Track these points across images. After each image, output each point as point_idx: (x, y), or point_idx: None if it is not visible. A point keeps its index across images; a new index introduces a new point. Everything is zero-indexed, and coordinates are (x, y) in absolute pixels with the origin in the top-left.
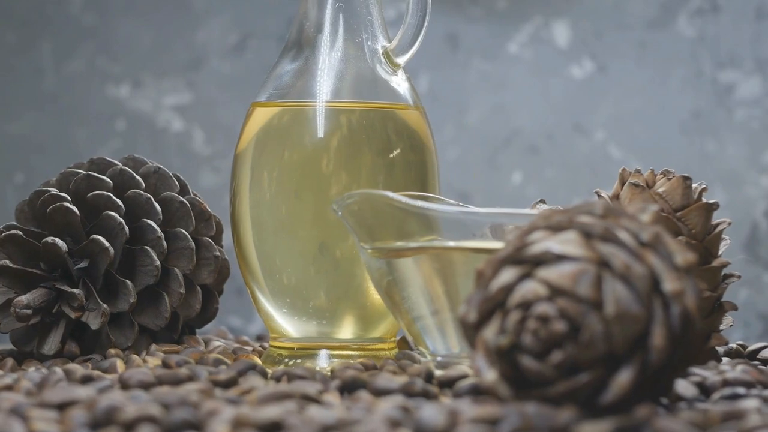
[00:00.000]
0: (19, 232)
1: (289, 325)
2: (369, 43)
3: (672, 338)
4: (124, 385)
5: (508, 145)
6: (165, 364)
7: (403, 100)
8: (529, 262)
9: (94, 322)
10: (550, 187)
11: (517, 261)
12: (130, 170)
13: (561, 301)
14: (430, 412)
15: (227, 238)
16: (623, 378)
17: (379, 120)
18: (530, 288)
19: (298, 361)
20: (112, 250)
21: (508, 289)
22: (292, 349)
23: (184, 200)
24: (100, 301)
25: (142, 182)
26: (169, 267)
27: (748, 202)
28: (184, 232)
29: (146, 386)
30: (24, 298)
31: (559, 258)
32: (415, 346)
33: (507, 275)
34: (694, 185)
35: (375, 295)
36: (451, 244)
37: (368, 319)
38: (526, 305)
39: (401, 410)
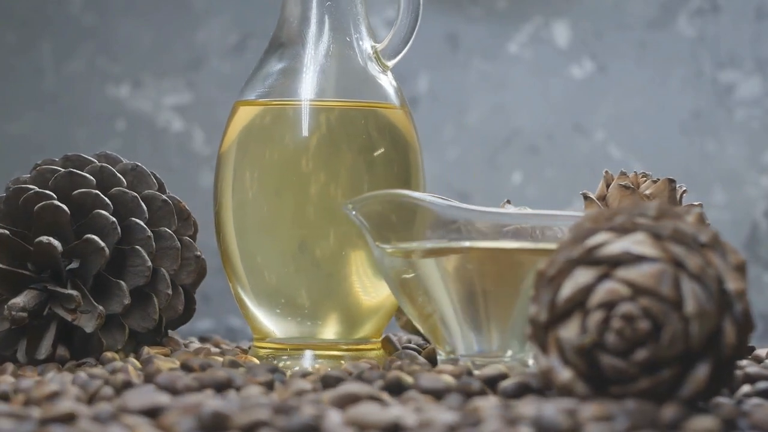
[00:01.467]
0: (6, 231)
1: (273, 325)
2: (355, 42)
3: (738, 335)
4: (172, 389)
5: (508, 145)
6: (187, 367)
7: (387, 100)
8: (605, 263)
9: (88, 324)
10: (550, 187)
11: (590, 262)
12: (110, 167)
13: (643, 301)
14: (551, 411)
15: (210, 237)
16: (701, 373)
17: (359, 118)
18: (611, 288)
19: (289, 362)
20: (107, 250)
21: (588, 289)
22: (277, 349)
23: (167, 199)
24: (95, 303)
25: (124, 180)
26: (156, 267)
27: (748, 202)
28: (170, 231)
29: (190, 389)
30: (20, 300)
31: (639, 259)
32: (436, 345)
33: (584, 276)
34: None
35: (358, 295)
36: (481, 244)
37: (352, 319)
38: (609, 305)
39: (505, 408)
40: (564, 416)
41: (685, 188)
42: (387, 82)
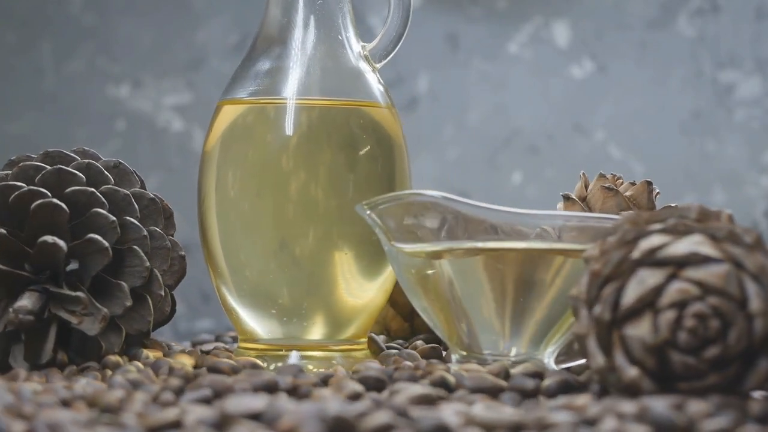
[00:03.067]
0: (3, 231)
1: (257, 326)
2: (341, 40)
3: None
4: (227, 391)
5: (508, 145)
6: (214, 369)
7: (371, 98)
8: (671, 264)
9: (91, 327)
10: (549, 187)
11: (654, 263)
12: (97, 164)
13: (713, 300)
14: (662, 407)
15: (195, 236)
16: (762, 367)
17: (341, 116)
18: (682, 288)
19: (278, 364)
20: (110, 250)
21: (658, 289)
22: (265, 350)
23: (154, 197)
24: (98, 305)
25: (111, 177)
26: (150, 268)
27: (748, 202)
28: (159, 230)
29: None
30: (26, 303)
31: (705, 259)
32: (450, 344)
33: (652, 277)
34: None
35: (342, 296)
36: (512, 244)
37: (336, 319)
38: (680, 305)
39: (610, 405)
40: (675, 412)
41: (658, 191)
42: (374, 81)
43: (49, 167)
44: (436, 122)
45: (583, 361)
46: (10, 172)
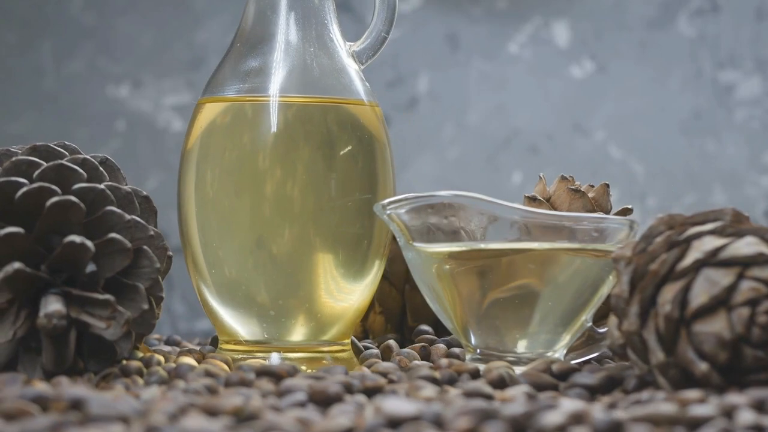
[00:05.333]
0: (21, 230)
1: (239, 326)
2: (324, 38)
3: None
4: (320, 394)
5: (508, 145)
6: (268, 372)
7: (352, 95)
8: (737, 264)
9: (114, 332)
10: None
11: (719, 263)
12: (92, 160)
13: None
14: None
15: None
16: None
17: (319, 114)
18: (754, 287)
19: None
20: (132, 251)
21: (731, 288)
22: (247, 351)
23: (146, 195)
24: (121, 308)
25: (106, 174)
26: (159, 269)
27: (748, 202)
28: (156, 229)
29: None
30: (59, 307)
31: None
32: (461, 340)
33: (723, 276)
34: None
35: (322, 298)
36: (533, 245)
37: (316, 321)
38: (752, 302)
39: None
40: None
41: (612, 194)
42: (357, 79)
43: (44, 163)
44: (436, 122)
45: (590, 357)
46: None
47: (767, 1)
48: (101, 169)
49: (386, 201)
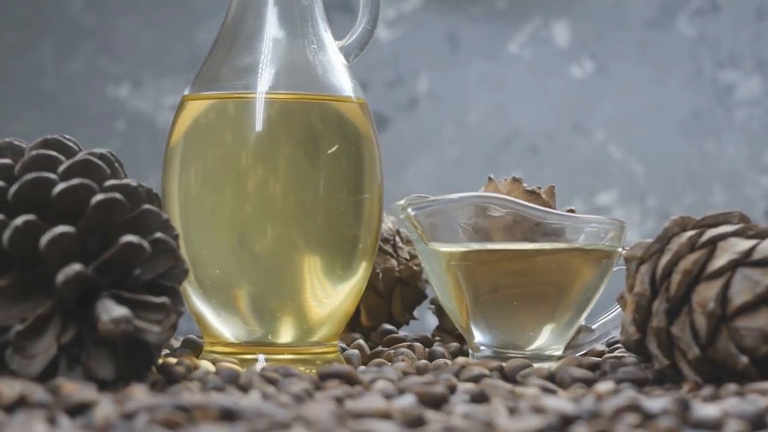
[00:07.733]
0: (71, 229)
1: (223, 328)
2: (310, 35)
3: None
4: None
5: (508, 145)
6: (288, 373)
7: (339, 93)
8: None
9: (162, 336)
10: None
11: (753, 263)
12: (109, 156)
13: None
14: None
15: None
16: None
17: (301, 111)
18: None
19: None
20: (175, 252)
21: None
22: (234, 353)
23: (156, 192)
24: (172, 312)
25: (108, 170)
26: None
27: (748, 202)
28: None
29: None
30: (124, 311)
31: None
32: (468, 339)
33: (763, 275)
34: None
35: (309, 301)
36: (547, 246)
37: (304, 322)
38: None
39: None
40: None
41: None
42: (344, 76)
43: (63, 158)
44: (436, 122)
45: (582, 353)
46: (9, 161)
47: (767, 1)
48: (104, 165)
49: (404, 200)
